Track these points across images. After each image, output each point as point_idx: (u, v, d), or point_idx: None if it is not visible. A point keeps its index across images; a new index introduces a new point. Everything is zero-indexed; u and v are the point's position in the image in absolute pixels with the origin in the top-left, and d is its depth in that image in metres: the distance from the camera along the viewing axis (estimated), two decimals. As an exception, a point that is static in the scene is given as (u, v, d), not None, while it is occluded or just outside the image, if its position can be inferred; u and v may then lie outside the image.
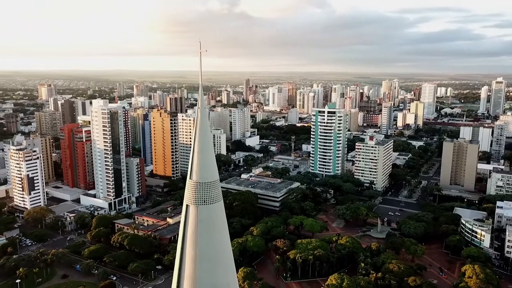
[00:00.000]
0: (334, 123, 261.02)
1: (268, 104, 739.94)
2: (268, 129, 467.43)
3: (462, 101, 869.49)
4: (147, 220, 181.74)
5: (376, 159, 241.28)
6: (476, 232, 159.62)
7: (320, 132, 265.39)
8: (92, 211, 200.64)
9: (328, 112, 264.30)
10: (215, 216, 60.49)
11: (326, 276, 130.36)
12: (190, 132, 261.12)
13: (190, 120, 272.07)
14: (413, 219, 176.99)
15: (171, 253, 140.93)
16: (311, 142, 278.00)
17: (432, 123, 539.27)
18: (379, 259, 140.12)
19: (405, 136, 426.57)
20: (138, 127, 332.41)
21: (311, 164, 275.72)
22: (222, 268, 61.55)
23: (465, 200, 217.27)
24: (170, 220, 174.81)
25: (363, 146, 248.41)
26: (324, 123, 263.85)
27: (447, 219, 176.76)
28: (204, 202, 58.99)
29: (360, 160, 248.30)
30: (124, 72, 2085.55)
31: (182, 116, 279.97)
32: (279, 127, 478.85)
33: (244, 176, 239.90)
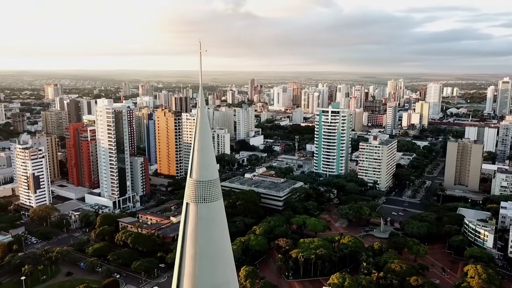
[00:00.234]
0: (338, 122, 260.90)
1: (273, 103, 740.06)
2: (272, 128, 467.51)
3: (468, 101, 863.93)
4: (150, 219, 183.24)
5: (379, 159, 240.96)
6: (479, 232, 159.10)
7: (324, 132, 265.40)
8: (96, 209, 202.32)
9: (332, 112, 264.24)
10: (215, 214, 61.08)
11: (328, 276, 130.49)
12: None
13: (194, 119, 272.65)
14: (416, 219, 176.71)
15: (174, 251, 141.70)
16: (315, 142, 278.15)
17: (438, 123, 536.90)
18: (381, 259, 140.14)
19: (410, 136, 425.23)
20: (142, 126, 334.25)
21: (315, 164, 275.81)
22: (222, 266, 62.08)
23: (469, 200, 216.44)
24: (174, 219, 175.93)
25: (367, 146, 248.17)
26: (328, 123, 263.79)
27: (450, 219, 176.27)
28: (204, 200, 59.60)
29: (363, 160, 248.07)
30: (130, 72, 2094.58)
31: (186, 115, 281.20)
32: (284, 127, 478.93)
33: (247, 175, 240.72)
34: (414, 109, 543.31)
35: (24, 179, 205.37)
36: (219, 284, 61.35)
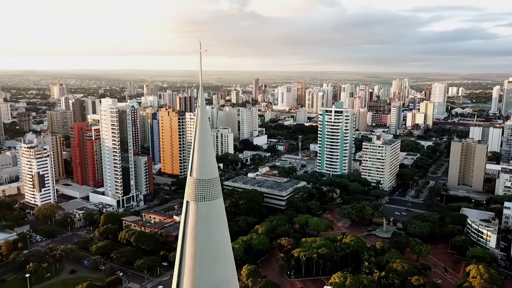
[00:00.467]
0: (341, 122, 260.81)
1: (277, 103, 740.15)
2: (276, 128, 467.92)
3: (474, 101, 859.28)
4: (154, 218, 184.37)
5: (383, 159, 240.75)
6: (482, 233, 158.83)
7: (327, 131, 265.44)
8: (100, 208, 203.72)
9: (335, 112, 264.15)
10: (215, 213, 61.77)
11: (330, 275, 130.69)
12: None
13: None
14: (419, 219, 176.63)
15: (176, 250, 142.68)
16: (318, 142, 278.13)
17: (442, 123, 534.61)
18: (383, 258, 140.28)
19: (414, 136, 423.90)
20: (147, 126, 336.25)
21: (318, 164, 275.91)
22: (221, 264, 62.72)
23: (472, 200, 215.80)
24: (177, 218, 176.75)
25: (370, 146, 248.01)
26: (331, 122, 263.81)
27: (453, 219, 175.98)
28: (204, 199, 60.31)
29: (367, 160, 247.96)
30: (135, 71, 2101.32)
31: (190, 115, 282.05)
32: (287, 127, 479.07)
33: (250, 175, 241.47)
34: (419, 109, 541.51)
35: (29, 178, 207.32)
36: (219, 282, 62.00)
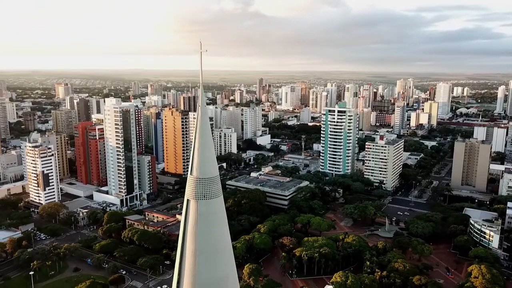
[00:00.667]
0: (344, 122, 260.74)
1: (281, 103, 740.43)
2: (279, 128, 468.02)
3: (479, 101, 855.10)
4: (157, 217, 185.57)
5: (386, 159, 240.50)
6: (485, 233, 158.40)
7: (330, 131, 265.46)
8: (104, 207, 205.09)
9: (338, 111, 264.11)
10: (215, 211, 62.33)
11: (332, 274, 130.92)
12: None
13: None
14: (421, 218, 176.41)
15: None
16: (321, 141, 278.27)
17: (447, 123, 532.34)
18: (385, 258, 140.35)
19: (418, 136, 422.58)
20: (150, 125, 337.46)
21: (321, 163, 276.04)
22: (221, 261, 63.27)
23: (476, 200, 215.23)
24: (179, 217, 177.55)
25: (373, 146, 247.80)
26: (334, 122, 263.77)
27: (456, 219, 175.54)
28: (204, 197, 60.91)
29: (370, 160, 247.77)
30: (140, 71, 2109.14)
31: (193, 115, 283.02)
32: (291, 126, 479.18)
33: (253, 174, 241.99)
34: (423, 109, 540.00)
35: (34, 176, 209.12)
36: (218, 279, 62.63)
